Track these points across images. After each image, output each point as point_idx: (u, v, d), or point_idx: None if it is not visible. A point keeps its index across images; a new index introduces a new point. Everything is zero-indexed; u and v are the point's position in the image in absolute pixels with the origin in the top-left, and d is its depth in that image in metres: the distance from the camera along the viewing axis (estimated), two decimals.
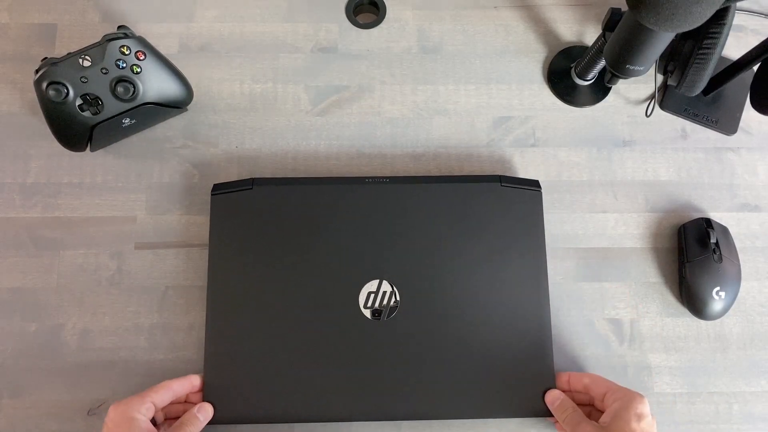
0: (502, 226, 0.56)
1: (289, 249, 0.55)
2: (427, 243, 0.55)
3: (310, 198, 0.56)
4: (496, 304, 0.54)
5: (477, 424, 0.55)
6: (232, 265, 0.55)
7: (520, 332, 0.54)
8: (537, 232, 0.56)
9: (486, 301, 0.54)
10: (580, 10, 0.67)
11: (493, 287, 0.54)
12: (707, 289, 0.56)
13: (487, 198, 0.56)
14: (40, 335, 0.56)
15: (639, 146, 0.63)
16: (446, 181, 0.57)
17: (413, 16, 0.66)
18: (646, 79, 0.64)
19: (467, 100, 0.64)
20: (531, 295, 0.54)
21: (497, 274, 0.55)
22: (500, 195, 0.56)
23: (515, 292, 0.54)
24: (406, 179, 0.58)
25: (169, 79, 0.57)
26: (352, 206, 0.56)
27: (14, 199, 0.60)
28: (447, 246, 0.55)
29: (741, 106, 0.63)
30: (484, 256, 0.55)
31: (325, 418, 0.53)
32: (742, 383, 0.57)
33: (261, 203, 0.56)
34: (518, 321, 0.54)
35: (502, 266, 0.55)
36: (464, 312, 0.54)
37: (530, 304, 0.54)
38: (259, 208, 0.56)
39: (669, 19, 0.42)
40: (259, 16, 0.66)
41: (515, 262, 0.55)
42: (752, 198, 0.62)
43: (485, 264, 0.55)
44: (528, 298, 0.54)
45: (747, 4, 0.67)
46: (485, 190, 0.56)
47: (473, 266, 0.55)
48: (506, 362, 0.53)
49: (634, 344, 0.57)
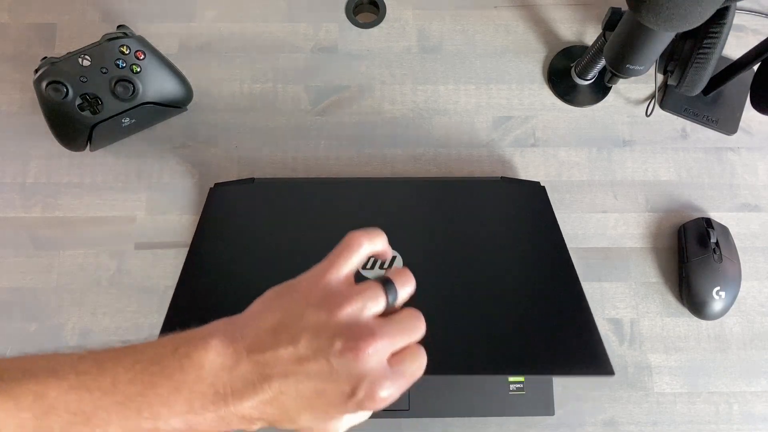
0: (508, 219, 0.55)
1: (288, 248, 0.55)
2: (432, 238, 0.54)
3: (310, 198, 0.56)
4: (520, 280, 0.51)
5: (477, 423, 0.55)
6: (214, 263, 0.53)
7: (551, 293, 0.49)
8: (548, 219, 0.54)
9: (506, 282, 0.51)
10: (580, 10, 0.67)
11: (511, 271, 0.51)
12: (707, 289, 0.56)
13: (490, 195, 0.56)
14: (39, 335, 0.56)
15: (639, 146, 0.63)
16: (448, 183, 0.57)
17: (413, 16, 0.66)
18: (646, 79, 0.63)
19: (467, 100, 0.64)
20: (555, 266, 0.51)
21: (511, 260, 0.52)
22: (503, 191, 0.56)
23: (538, 266, 0.52)
24: (406, 180, 0.57)
25: (168, 79, 0.57)
26: (354, 205, 0.56)
27: (14, 199, 0.60)
28: (455, 240, 0.53)
29: (741, 105, 0.63)
30: (493, 246, 0.53)
31: None
32: (743, 383, 0.57)
33: (261, 203, 0.56)
34: (546, 285, 0.50)
35: (513, 251, 0.52)
36: (483, 292, 0.50)
37: (557, 275, 0.50)
38: (259, 207, 0.56)
39: (669, 19, 0.42)
40: (259, 16, 0.66)
41: (528, 245, 0.53)
42: (752, 198, 0.61)
43: (495, 253, 0.52)
44: (552, 270, 0.51)
45: (747, 3, 0.67)
46: (487, 187, 0.56)
47: (482, 256, 0.52)
48: (542, 321, 0.48)
49: (634, 344, 0.57)
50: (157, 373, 0.28)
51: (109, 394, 0.27)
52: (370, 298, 0.30)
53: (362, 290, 0.30)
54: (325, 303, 0.29)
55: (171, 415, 0.27)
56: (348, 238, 0.32)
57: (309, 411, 0.29)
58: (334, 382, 0.28)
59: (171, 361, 0.28)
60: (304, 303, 0.30)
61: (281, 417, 0.29)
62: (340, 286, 0.31)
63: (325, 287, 0.30)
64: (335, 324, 0.29)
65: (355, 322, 0.29)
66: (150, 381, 0.28)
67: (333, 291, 0.30)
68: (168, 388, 0.27)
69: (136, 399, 0.27)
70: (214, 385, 0.28)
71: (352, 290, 0.30)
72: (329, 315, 0.29)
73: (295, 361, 0.28)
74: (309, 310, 0.29)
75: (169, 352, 0.28)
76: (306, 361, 0.28)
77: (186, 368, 0.28)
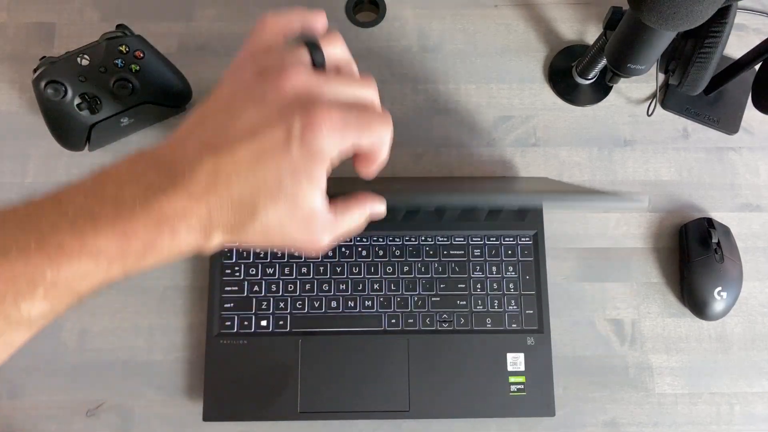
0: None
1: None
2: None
3: None
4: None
5: (477, 424, 0.55)
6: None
7: None
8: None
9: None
10: (581, 9, 0.67)
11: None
12: (709, 290, 0.56)
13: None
14: (38, 336, 0.55)
15: (640, 146, 0.62)
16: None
17: (413, 15, 0.66)
18: (648, 78, 0.63)
19: (468, 100, 0.63)
20: None
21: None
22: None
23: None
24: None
25: (167, 79, 0.57)
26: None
27: (13, 199, 0.59)
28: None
29: (743, 105, 0.63)
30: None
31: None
32: (744, 384, 0.56)
33: None
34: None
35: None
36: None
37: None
38: None
39: (670, 18, 0.41)
40: (259, 15, 0.65)
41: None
42: (754, 198, 0.61)
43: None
44: None
45: (749, 3, 0.66)
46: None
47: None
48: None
49: (636, 345, 0.57)
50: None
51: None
52: (288, 53, 0.28)
53: (276, 50, 0.28)
54: (241, 77, 0.27)
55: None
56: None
57: (262, 192, 0.26)
58: (266, 132, 0.25)
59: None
60: (225, 102, 0.28)
61: (237, 212, 0.26)
62: (249, 57, 0.28)
63: (237, 70, 0.28)
64: (253, 83, 0.27)
65: (271, 70, 0.27)
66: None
67: (242, 65, 0.28)
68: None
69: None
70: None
71: (264, 55, 0.28)
72: (247, 84, 0.27)
73: (214, 137, 0.26)
74: (232, 100, 0.27)
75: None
76: (228, 127, 0.26)
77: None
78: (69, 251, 0.24)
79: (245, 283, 0.55)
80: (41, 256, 0.24)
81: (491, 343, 0.54)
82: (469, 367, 0.54)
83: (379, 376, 0.53)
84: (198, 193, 0.25)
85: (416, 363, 0.54)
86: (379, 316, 0.55)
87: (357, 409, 0.53)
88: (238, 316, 0.55)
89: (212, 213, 0.26)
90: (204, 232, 0.26)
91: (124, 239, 0.25)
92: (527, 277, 0.56)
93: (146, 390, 0.55)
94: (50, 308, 0.25)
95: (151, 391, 0.55)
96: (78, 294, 0.25)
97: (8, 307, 0.24)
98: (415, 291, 0.56)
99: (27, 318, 0.25)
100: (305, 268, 0.56)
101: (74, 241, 0.24)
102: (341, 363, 0.53)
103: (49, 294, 0.24)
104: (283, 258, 0.56)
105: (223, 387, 0.53)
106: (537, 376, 0.54)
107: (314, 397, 0.53)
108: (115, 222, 0.24)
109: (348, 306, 0.55)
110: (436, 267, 0.56)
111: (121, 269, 0.26)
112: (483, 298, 0.56)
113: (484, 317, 0.55)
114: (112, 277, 0.26)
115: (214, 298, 0.55)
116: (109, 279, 0.26)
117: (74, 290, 0.25)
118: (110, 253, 0.25)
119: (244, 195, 0.26)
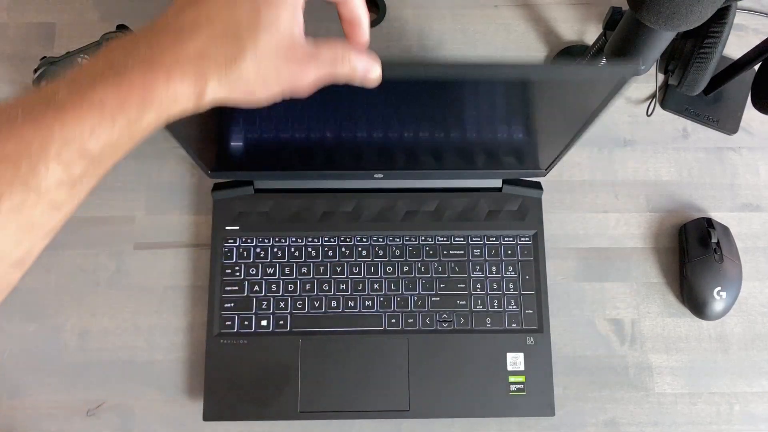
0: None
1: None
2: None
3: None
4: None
5: (477, 424, 0.55)
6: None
7: None
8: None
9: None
10: (580, 9, 0.67)
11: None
12: (708, 289, 0.56)
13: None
14: (38, 336, 0.56)
15: (640, 146, 0.63)
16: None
17: (413, 16, 0.66)
18: (647, 79, 0.63)
19: None
20: None
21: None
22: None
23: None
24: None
25: None
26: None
27: None
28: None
29: (742, 105, 0.63)
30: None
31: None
32: (744, 384, 0.57)
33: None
34: None
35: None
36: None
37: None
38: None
39: (670, 19, 0.42)
40: None
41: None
42: (753, 198, 0.61)
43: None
44: None
45: (748, 3, 0.67)
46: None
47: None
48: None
49: (635, 344, 0.57)
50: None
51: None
52: None
53: None
54: None
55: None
56: None
57: (243, 24, 0.27)
58: None
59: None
60: None
61: (223, 50, 0.27)
62: None
63: None
64: None
65: None
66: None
67: None
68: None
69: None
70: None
71: None
72: None
73: None
74: None
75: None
76: None
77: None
78: (71, 106, 0.25)
79: (245, 283, 0.55)
80: (47, 117, 0.25)
81: (491, 343, 0.54)
82: (468, 366, 0.54)
83: (379, 375, 0.53)
84: (184, 37, 0.27)
85: (416, 363, 0.54)
86: (379, 316, 0.55)
87: (357, 409, 0.53)
88: (239, 316, 0.55)
89: (201, 54, 0.27)
90: (196, 79, 0.27)
91: (121, 89, 0.26)
92: (527, 276, 0.56)
93: (146, 390, 0.55)
94: (66, 174, 0.25)
95: (151, 391, 0.55)
96: (90, 154, 0.26)
97: (25, 173, 0.24)
98: (415, 291, 0.56)
99: (45, 187, 0.25)
100: (305, 268, 0.56)
101: (75, 97, 0.25)
102: (341, 363, 0.54)
103: (62, 153, 0.25)
104: (283, 258, 0.56)
105: (224, 387, 0.53)
106: (537, 376, 0.54)
107: (314, 396, 0.53)
108: (111, 75, 0.26)
109: (348, 306, 0.55)
110: (436, 267, 0.56)
111: (126, 125, 0.26)
112: (483, 298, 0.56)
113: (483, 317, 0.55)
114: (119, 137, 0.26)
115: (215, 298, 0.55)
116: (117, 138, 0.26)
117: (85, 149, 0.25)
118: (111, 105, 0.26)
119: (228, 30, 0.27)
